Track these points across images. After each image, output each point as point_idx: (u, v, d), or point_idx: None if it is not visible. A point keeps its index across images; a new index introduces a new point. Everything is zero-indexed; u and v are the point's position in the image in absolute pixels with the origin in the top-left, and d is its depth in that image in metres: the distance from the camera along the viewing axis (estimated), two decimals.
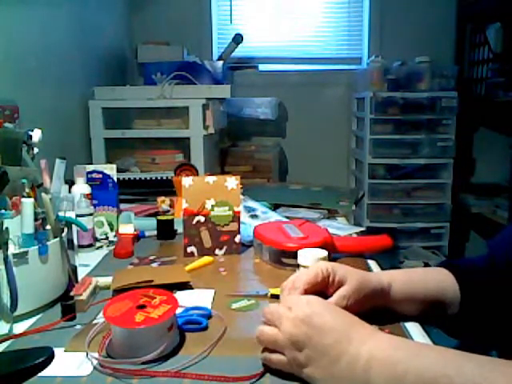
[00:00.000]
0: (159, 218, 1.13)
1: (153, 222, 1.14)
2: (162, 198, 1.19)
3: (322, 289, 0.63)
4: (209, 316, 0.70)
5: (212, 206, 0.98)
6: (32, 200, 0.75)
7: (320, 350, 0.49)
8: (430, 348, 0.49)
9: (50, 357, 0.58)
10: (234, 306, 0.74)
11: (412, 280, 0.67)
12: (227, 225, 0.99)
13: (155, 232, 1.13)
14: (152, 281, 0.77)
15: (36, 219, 0.76)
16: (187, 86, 2.03)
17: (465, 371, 0.42)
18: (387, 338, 0.50)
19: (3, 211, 0.73)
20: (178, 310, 0.64)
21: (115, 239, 1.10)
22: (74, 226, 0.94)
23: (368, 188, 2.50)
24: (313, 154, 2.86)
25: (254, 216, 1.16)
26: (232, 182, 0.99)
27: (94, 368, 0.57)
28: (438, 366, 0.44)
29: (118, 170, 1.25)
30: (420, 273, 0.71)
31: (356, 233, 1.13)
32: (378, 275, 0.67)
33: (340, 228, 1.15)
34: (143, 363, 0.56)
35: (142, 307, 0.61)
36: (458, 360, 0.44)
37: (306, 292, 0.61)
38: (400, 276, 0.67)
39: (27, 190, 0.78)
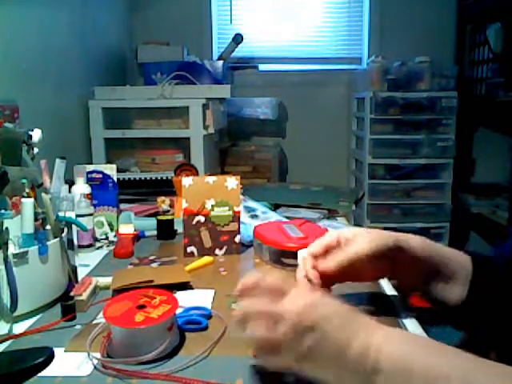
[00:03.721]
0: (159, 217, 1.13)
1: (153, 222, 1.14)
2: (162, 198, 1.19)
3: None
4: (209, 316, 0.70)
5: (212, 205, 0.98)
6: (32, 200, 0.75)
7: (329, 335, 0.47)
8: (436, 347, 0.47)
9: (49, 357, 0.58)
10: (234, 306, 0.74)
11: (431, 243, 0.66)
12: (227, 225, 0.99)
13: (155, 232, 1.13)
14: (152, 281, 0.77)
15: (36, 219, 0.76)
16: (187, 86, 2.03)
17: (469, 379, 0.41)
18: (396, 331, 0.49)
19: (3, 211, 0.73)
20: (178, 310, 0.64)
21: (115, 239, 1.10)
22: (74, 226, 0.94)
23: (368, 188, 2.50)
24: (313, 153, 2.86)
25: (254, 216, 1.16)
26: (232, 181, 0.99)
27: (95, 368, 0.57)
28: (443, 367, 0.42)
29: (118, 170, 1.25)
30: (442, 246, 0.69)
31: None
32: (395, 233, 0.65)
33: (340, 228, 1.15)
34: (143, 363, 0.56)
35: (141, 307, 0.61)
36: (465, 365, 0.43)
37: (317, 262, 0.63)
38: (419, 237, 0.66)
39: (27, 190, 0.78)
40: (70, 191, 1.09)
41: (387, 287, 0.80)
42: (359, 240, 0.63)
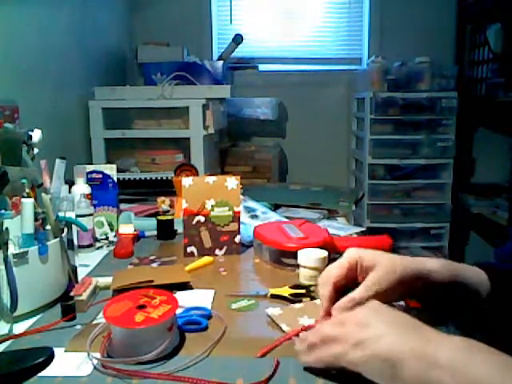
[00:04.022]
0: (159, 218, 1.13)
1: (153, 222, 1.14)
2: (162, 198, 1.19)
3: (352, 278, 0.63)
4: (209, 316, 0.70)
5: (212, 206, 0.98)
6: (32, 200, 0.75)
7: (394, 322, 0.50)
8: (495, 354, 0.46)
9: (50, 357, 0.58)
10: (234, 306, 0.74)
11: (453, 264, 0.65)
12: (227, 225, 0.99)
13: (155, 232, 1.13)
14: (152, 281, 0.77)
15: (36, 219, 0.76)
16: (187, 87, 2.03)
17: None
18: (456, 338, 0.48)
19: (3, 211, 0.73)
20: (178, 310, 0.64)
21: (115, 239, 1.10)
22: (74, 226, 0.94)
23: (368, 188, 2.50)
24: (313, 153, 2.86)
25: (254, 216, 1.16)
26: (232, 182, 0.99)
27: (95, 368, 0.57)
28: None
29: (118, 170, 1.25)
30: (458, 263, 0.68)
31: (356, 233, 1.13)
32: (414, 258, 0.64)
33: (340, 228, 1.15)
34: (143, 363, 0.56)
35: (141, 307, 0.61)
36: None
37: (336, 285, 0.62)
38: (440, 260, 0.65)
39: (27, 190, 0.78)
40: (70, 191, 1.09)
41: None
42: (376, 272, 0.61)
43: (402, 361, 0.47)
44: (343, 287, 0.62)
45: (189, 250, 0.99)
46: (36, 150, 0.91)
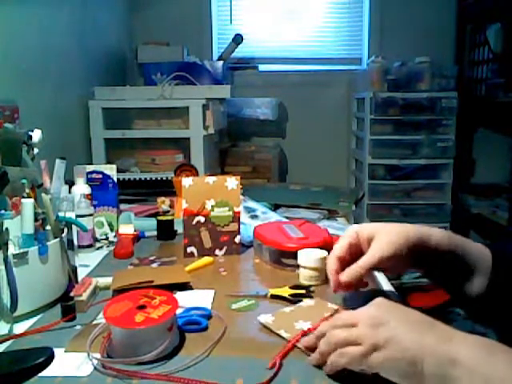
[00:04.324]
0: (159, 218, 1.13)
1: (153, 222, 1.14)
2: (162, 198, 1.19)
3: (357, 253, 0.63)
4: (209, 316, 0.69)
5: (212, 206, 0.98)
6: (32, 200, 0.75)
7: (406, 319, 0.49)
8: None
9: (50, 357, 0.58)
10: (234, 306, 0.74)
11: (453, 236, 0.65)
12: (227, 225, 0.99)
13: (155, 232, 1.13)
14: (152, 281, 0.77)
15: (36, 219, 0.76)
16: (187, 87, 2.03)
17: None
18: (474, 336, 0.48)
19: (3, 211, 0.73)
20: (178, 311, 0.64)
21: (115, 239, 1.10)
22: (73, 226, 0.94)
23: (368, 188, 2.50)
24: (313, 153, 2.86)
25: (254, 216, 1.16)
26: (232, 182, 0.99)
27: (95, 368, 0.57)
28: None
29: (118, 171, 1.25)
30: (463, 237, 0.68)
31: None
32: (416, 228, 0.65)
33: (340, 228, 1.15)
34: (143, 363, 0.56)
35: (142, 307, 0.61)
36: None
37: (340, 260, 0.63)
38: (441, 230, 0.66)
39: (27, 191, 0.78)
40: (70, 191, 1.09)
41: (384, 283, 0.79)
42: (378, 243, 0.61)
43: (421, 358, 0.46)
44: (350, 263, 0.63)
45: (189, 250, 0.99)
46: (36, 150, 0.91)
